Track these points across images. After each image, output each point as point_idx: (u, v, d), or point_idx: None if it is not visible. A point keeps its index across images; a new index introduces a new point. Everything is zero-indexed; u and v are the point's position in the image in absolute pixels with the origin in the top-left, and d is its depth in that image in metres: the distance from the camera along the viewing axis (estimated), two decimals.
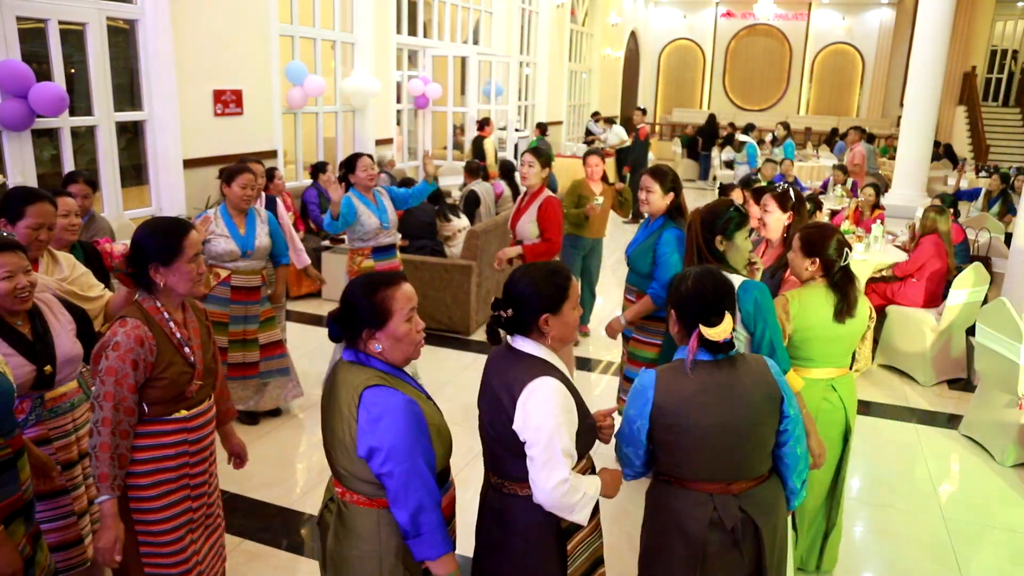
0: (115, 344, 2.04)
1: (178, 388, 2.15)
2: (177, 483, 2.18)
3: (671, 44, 22.57)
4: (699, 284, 2.06)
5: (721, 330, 1.99)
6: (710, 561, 2.05)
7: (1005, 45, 18.68)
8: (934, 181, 12.86)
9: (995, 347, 4.21)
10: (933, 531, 3.60)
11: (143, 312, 2.12)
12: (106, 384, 2.03)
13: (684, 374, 2.03)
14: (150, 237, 2.12)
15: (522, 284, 1.95)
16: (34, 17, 5.21)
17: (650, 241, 3.58)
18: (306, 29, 8.09)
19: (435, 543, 1.80)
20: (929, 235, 5.49)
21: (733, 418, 2.00)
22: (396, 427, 1.75)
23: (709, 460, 2.03)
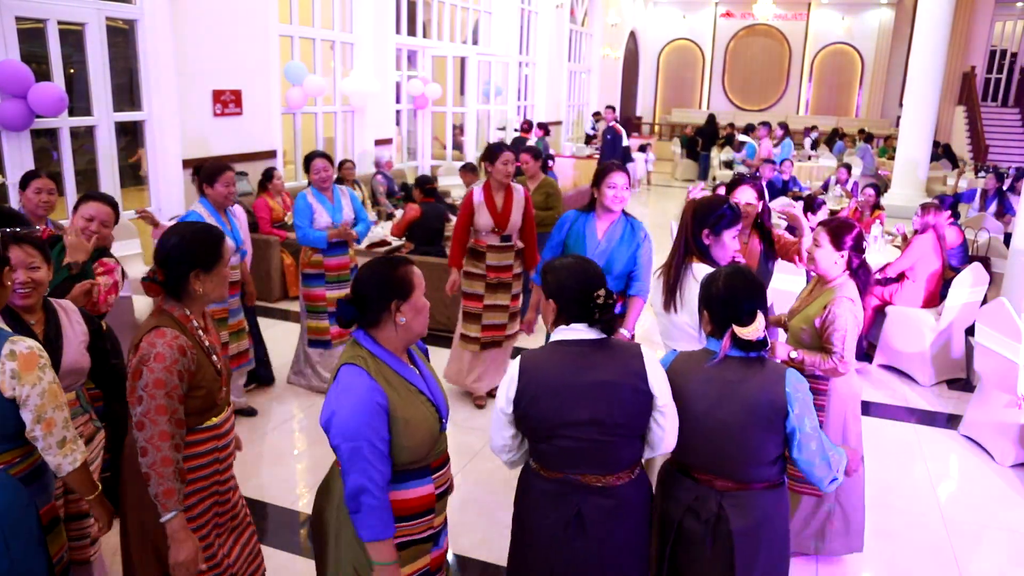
0: (157, 355, 1.96)
1: (212, 396, 2.11)
2: (208, 490, 2.15)
3: (670, 44, 22.58)
4: (730, 284, 2.10)
5: (753, 329, 2.04)
6: (681, 547, 2.14)
7: (1004, 45, 18.68)
8: (933, 181, 12.87)
9: (994, 347, 4.21)
10: (932, 531, 3.60)
11: (174, 320, 2.06)
12: (156, 398, 1.94)
13: (699, 362, 2.12)
14: (191, 243, 2.05)
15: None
16: (33, 17, 5.21)
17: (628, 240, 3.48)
18: (305, 29, 8.09)
19: (370, 525, 1.85)
20: (923, 233, 5.48)
21: (724, 414, 2.04)
22: (349, 406, 1.83)
23: (695, 448, 2.10)
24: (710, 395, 2.06)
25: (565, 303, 2.03)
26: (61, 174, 5.53)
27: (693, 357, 2.17)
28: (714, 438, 2.06)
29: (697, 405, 2.07)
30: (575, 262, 2.08)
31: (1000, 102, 18.73)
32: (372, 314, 1.93)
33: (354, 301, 1.93)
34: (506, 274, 4.52)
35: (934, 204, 5.58)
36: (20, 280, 2.12)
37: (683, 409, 2.07)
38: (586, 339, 2.03)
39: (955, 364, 5.44)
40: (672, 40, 22.52)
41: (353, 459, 1.83)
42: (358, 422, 1.82)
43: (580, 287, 2.01)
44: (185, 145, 6.29)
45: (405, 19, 9.88)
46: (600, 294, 1.99)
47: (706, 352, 2.15)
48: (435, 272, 5.88)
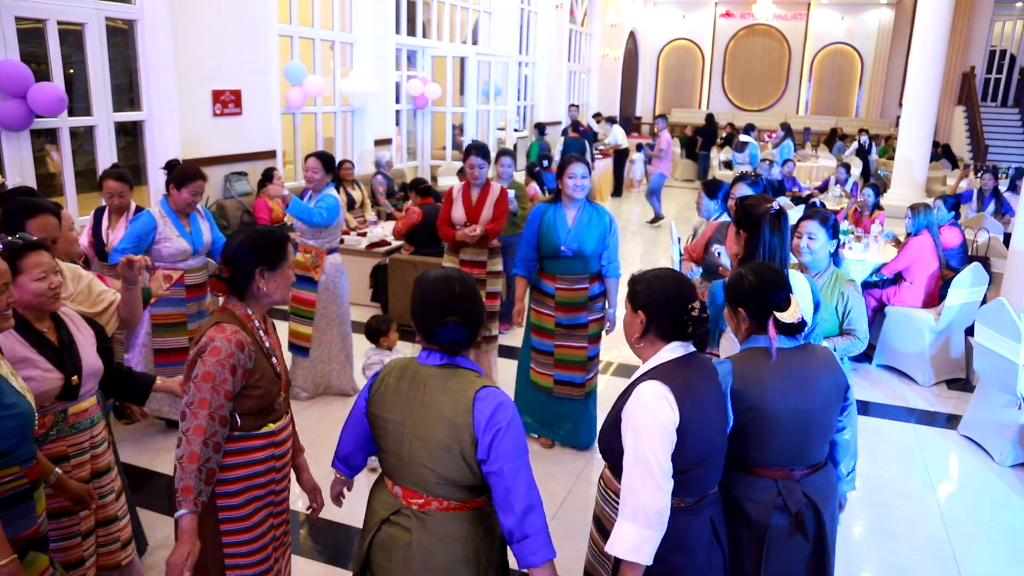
0: (213, 349, 1.95)
1: (270, 399, 2.09)
2: (264, 499, 2.11)
3: (670, 44, 22.58)
4: (760, 276, 2.13)
5: (793, 311, 2.07)
6: (773, 545, 2.12)
7: (1004, 45, 18.69)
8: (933, 181, 12.87)
9: (994, 347, 4.21)
10: (932, 531, 3.60)
11: (236, 318, 2.05)
12: (202, 390, 1.92)
13: (761, 361, 2.10)
14: (257, 242, 2.06)
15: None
16: (33, 17, 5.21)
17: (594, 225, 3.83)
18: (305, 29, 8.09)
19: (541, 546, 1.75)
20: (917, 235, 5.46)
21: (806, 403, 2.09)
22: (511, 426, 1.77)
23: (780, 445, 2.10)
24: (789, 389, 2.08)
25: (656, 315, 1.93)
26: (61, 174, 5.53)
27: (750, 360, 2.11)
28: (797, 430, 2.09)
29: (779, 403, 2.07)
30: (668, 273, 1.98)
31: (1000, 102, 18.73)
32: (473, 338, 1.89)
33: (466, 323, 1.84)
34: (479, 270, 4.58)
35: (923, 205, 5.56)
36: (54, 284, 2.07)
37: (766, 411, 2.06)
38: (688, 355, 1.96)
39: (954, 364, 5.44)
40: (672, 40, 22.52)
41: (519, 477, 1.81)
42: (519, 438, 1.81)
43: (675, 299, 1.92)
44: (184, 145, 6.29)
45: (405, 19, 9.88)
46: (695, 306, 1.91)
47: (754, 351, 2.13)
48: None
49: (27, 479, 1.86)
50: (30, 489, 1.87)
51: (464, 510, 1.84)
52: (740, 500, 2.13)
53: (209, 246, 4.10)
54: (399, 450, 1.85)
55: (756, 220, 2.76)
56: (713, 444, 1.95)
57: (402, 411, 1.84)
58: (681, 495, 1.92)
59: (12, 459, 1.83)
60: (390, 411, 1.87)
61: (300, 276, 4.53)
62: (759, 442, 2.09)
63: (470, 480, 1.81)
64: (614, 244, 3.90)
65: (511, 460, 1.75)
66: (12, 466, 1.83)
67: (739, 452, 2.12)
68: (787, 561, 2.14)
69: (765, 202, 2.82)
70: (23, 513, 1.85)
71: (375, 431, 1.92)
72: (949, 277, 5.43)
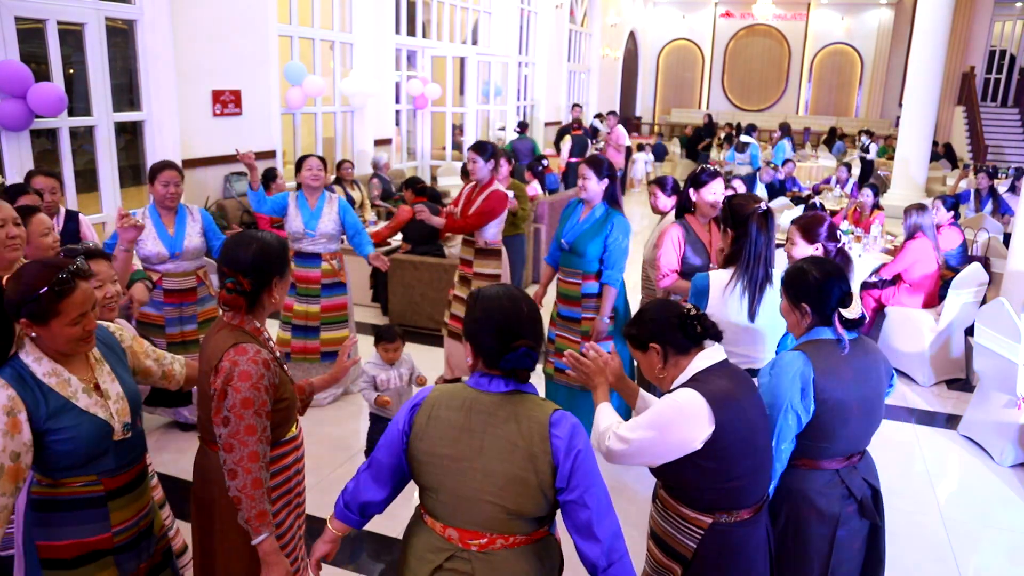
0: (242, 373, 1.87)
1: (293, 409, 2.06)
2: (292, 503, 2.12)
3: (670, 44, 22.58)
4: (825, 272, 2.17)
5: (856, 306, 2.15)
6: (842, 532, 2.19)
7: (1004, 46, 18.69)
8: (933, 181, 12.87)
9: (994, 347, 4.21)
10: (932, 531, 3.60)
11: (248, 334, 1.97)
12: (245, 418, 1.86)
13: (832, 352, 2.15)
14: (270, 249, 1.97)
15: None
16: (33, 17, 5.21)
17: (597, 227, 3.82)
18: (305, 29, 8.09)
19: (631, 570, 1.69)
20: (913, 238, 5.45)
21: (870, 391, 2.18)
22: (588, 447, 1.69)
23: (849, 434, 2.17)
24: (857, 379, 2.15)
25: (663, 337, 1.98)
26: (61, 174, 5.52)
27: (820, 351, 2.14)
28: (864, 418, 2.18)
29: (851, 393, 2.13)
30: (652, 302, 2.09)
31: (999, 102, 18.73)
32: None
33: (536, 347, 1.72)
34: (467, 268, 4.60)
35: (917, 206, 5.55)
36: (110, 294, 2.02)
37: (839, 401, 2.11)
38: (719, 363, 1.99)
39: (954, 364, 5.44)
40: (672, 40, 22.53)
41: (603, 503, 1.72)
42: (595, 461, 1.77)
43: (668, 313, 2.00)
44: (184, 145, 6.29)
45: (405, 19, 9.88)
46: (689, 309, 1.99)
47: (822, 343, 2.16)
48: (435, 272, 5.88)
49: (103, 487, 1.84)
50: (105, 497, 1.84)
51: (529, 543, 1.73)
52: (810, 495, 2.17)
53: (198, 251, 3.99)
54: (460, 488, 1.70)
55: (744, 219, 2.80)
56: (760, 447, 1.97)
57: (464, 445, 1.69)
58: (745, 506, 1.95)
59: (88, 470, 1.82)
60: (447, 447, 1.71)
61: (328, 284, 4.51)
62: (830, 433, 2.14)
63: (543, 511, 1.71)
64: (614, 251, 3.79)
65: (593, 485, 1.66)
66: (89, 474, 1.83)
67: (805, 446, 2.16)
68: (850, 544, 2.23)
69: (752, 202, 2.86)
70: (93, 518, 1.84)
71: (423, 469, 1.75)
72: (949, 277, 5.43)
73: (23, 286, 1.71)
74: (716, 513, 1.93)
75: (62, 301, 1.72)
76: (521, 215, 5.75)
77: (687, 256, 3.59)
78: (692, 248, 3.59)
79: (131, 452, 1.92)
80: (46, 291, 1.70)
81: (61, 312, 1.73)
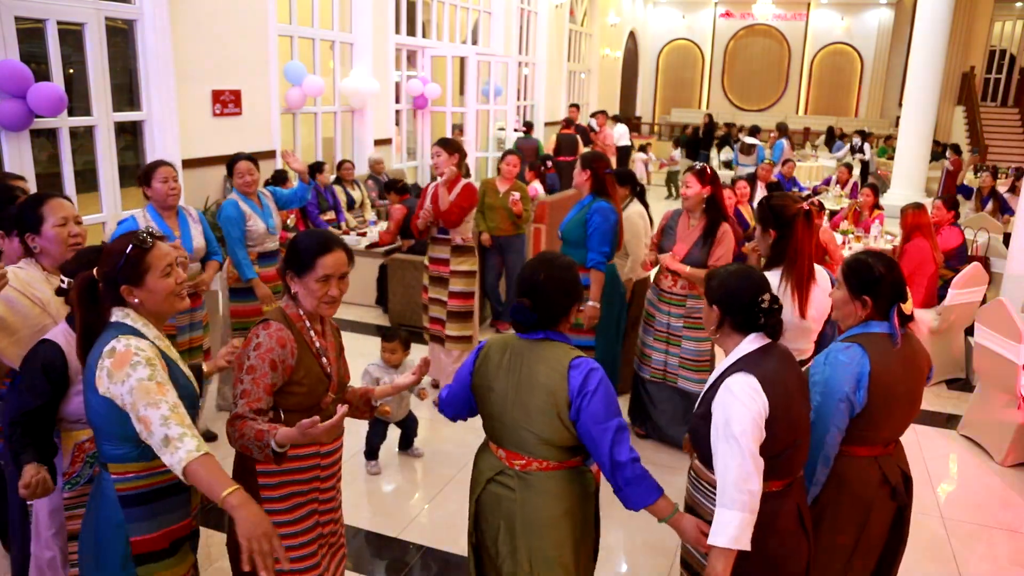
0: (256, 344, 2.00)
1: (315, 398, 2.10)
2: (307, 496, 2.12)
3: (670, 44, 22.58)
4: (889, 267, 2.23)
5: (911, 302, 2.23)
6: (873, 514, 2.27)
7: (1004, 45, 18.69)
8: (933, 181, 12.86)
9: (994, 347, 4.21)
10: (932, 531, 3.60)
11: (285, 317, 2.08)
12: (244, 381, 1.97)
13: (886, 345, 2.21)
14: (298, 244, 2.08)
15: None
16: (33, 17, 5.21)
17: (581, 214, 3.98)
18: (305, 29, 8.09)
19: (639, 494, 1.99)
20: (912, 240, 5.44)
21: (913, 384, 2.25)
22: (604, 388, 1.98)
23: (895, 422, 2.25)
24: (905, 372, 2.22)
25: (729, 309, 2.06)
26: (61, 174, 5.52)
27: (876, 344, 2.20)
28: (908, 407, 2.26)
29: (900, 385, 2.20)
30: (740, 269, 2.13)
31: (999, 102, 18.74)
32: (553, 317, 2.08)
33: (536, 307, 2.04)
34: (443, 268, 4.57)
35: (913, 205, 5.54)
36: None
37: (890, 391, 2.18)
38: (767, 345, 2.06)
39: (954, 364, 5.44)
40: (672, 40, 22.53)
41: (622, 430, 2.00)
42: (613, 399, 2.03)
43: (745, 293, 2.04)
44: (184, 145, 6.29)
45: (404, 19, 9.88)
46: (765, 299, 2.03)
47: (876, 336, 2.21)
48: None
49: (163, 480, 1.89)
50: (170, 488, 1.90)
51: (561, 469, 2.07)
52: (848, 480, 2.24)
53: (201, 252, 3.91)
54: (502, 416, 2.08)
55: (787, 220, 2.86)
56: (800, 427, 2.04)
57: (504, 381, 2.08)
58: (772, 478, 2.01)
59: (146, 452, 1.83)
60: (493, 381, 2.10)
61: (239, 289, 4.33)
62: (877, 422, 2.21)
63: (568, 441, 2.03)
64: (593, 233, 3.92)
65: (599, 422, 1.96)
66: (152, 459, 1.82)
67: (849, 434, 2.22)
68: (881, 528, 2.31)
69: (791, 201, 2.91)
70: (179, 504, 1.91)
71: (479, 399, 2.16)
72: (949, 277, 5.43)
73: (110, 255, 1.86)
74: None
75: (149, 254, 1.86)
76: (524, 216, 5.74)
77: (663, 236, 4.09)
78: (666, 231, 4.06)
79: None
80: (132, 248, 1.84)
81: (152, 266, 1.87)
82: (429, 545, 3.32)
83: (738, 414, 1.92)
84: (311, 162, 7.62)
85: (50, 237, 2.40)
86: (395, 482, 3.89)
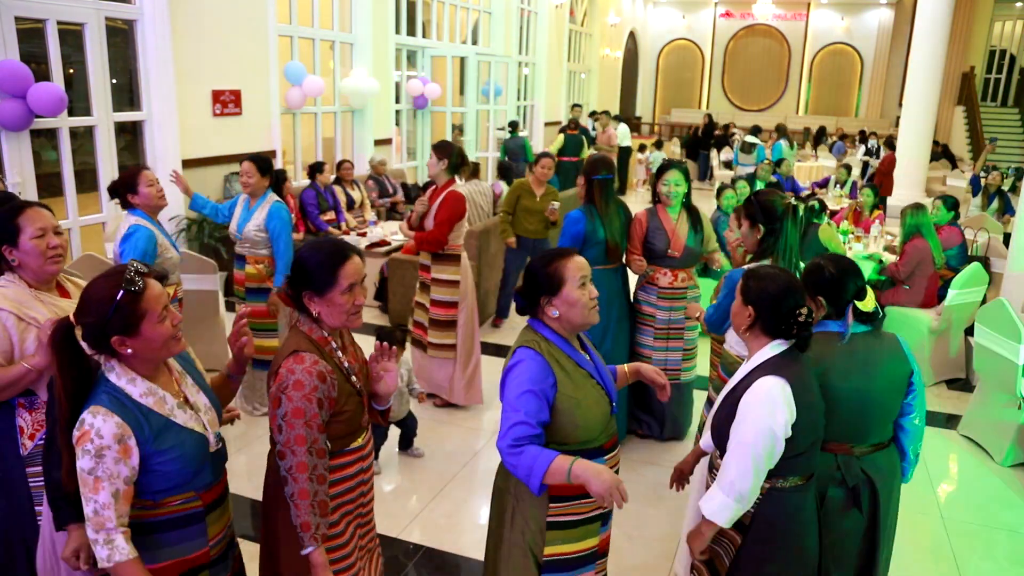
0: (296, 383, 1.85)
1: (356, 420, 2.02)
2: (353, 513, 2.08)
3: (670, 44, 22.57)
4: (841, 267, 2.27)
5: (870, 300, 2.25)
6: (830, 516, 2.27)
7: (1004, 45, 18.69)
8: (933, 181, 12.86)
9: (994, 347, 4.21)
10: (932, 531, 3.60)
11: (312, 343, 1.95)
12: (295, 428, 1.85)
13: (827, 343, 2.25)
14: (308, 260, 1.95)
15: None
16: (33, 17, 5.21)
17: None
18: (305, 29, 8.09)
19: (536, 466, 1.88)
20: (912, 241, 5.43)
21: (867, 384, 2.22)
22: (518, 375, 1.96)
23: (840, 421, 2.23)
24: (849, 370, 2.22)
25: (765, 313, 2.07)
26: (61, 174, 5.52)
27: (820, 342, 2.24)
28: (858, 409, 2.24)
29: (840, 382, 2.21)
30: (782, 274, 2.12)
31: (1000, 102, 18.74)
32: (530, 306, 2.08)
33: (522, 292, 2.09)
34: (425, 273, 4.49)
35: (912, 205, 5.54)
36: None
37: (827, 387, 2.18)
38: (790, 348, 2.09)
39: (954, 364, 5.44)
40: (672, 40, 22.52)
41: (509, 411, 1.93)
42: (521, 389, 1.95)
43: (784, 301, 2.04)
44: (184, 145, 6.29)
45: (404, 19, 9.88)
46: (803, 312, 2.03)
47: (824, 335, 2.26)
48: None
49: (201, 503, 1.82)
50: (203, 512, 1.83)
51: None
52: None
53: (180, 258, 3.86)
54: None
55: (776, 215, 2.88)
56: (820, 426, 2.10)
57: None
58: (798, 474, 2.08)
59: (187, 487, 1.79)
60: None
61: (252, 289, 4.28)
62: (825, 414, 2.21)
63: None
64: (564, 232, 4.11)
65: (504, 398, 2.00)
66: (187, 491, 1.79)
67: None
68: (842, 533, 2.30)
69: (780, 197, 2.92)
70: (193, 535, 1.82)
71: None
72: (949, 277, 5.43)
73: (96, 303, 1.66)
74: (774, 479, 2.07)
75: (142, 299, 1.67)
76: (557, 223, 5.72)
77: (649, 238, 4.04)
78: (653, 233, 4.03)
79: (221, 463, 1.91)
80: (123, 294, 1.65)
81: (147, 311, 1.68)
82: (429, 545, 3.32)
83: (757, 422, 1.97)
84: (312, 162, 7.64)
85: (28, 249, 2.24)
86: (395, 482, 3.89)
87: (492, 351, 5.54)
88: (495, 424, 4.49)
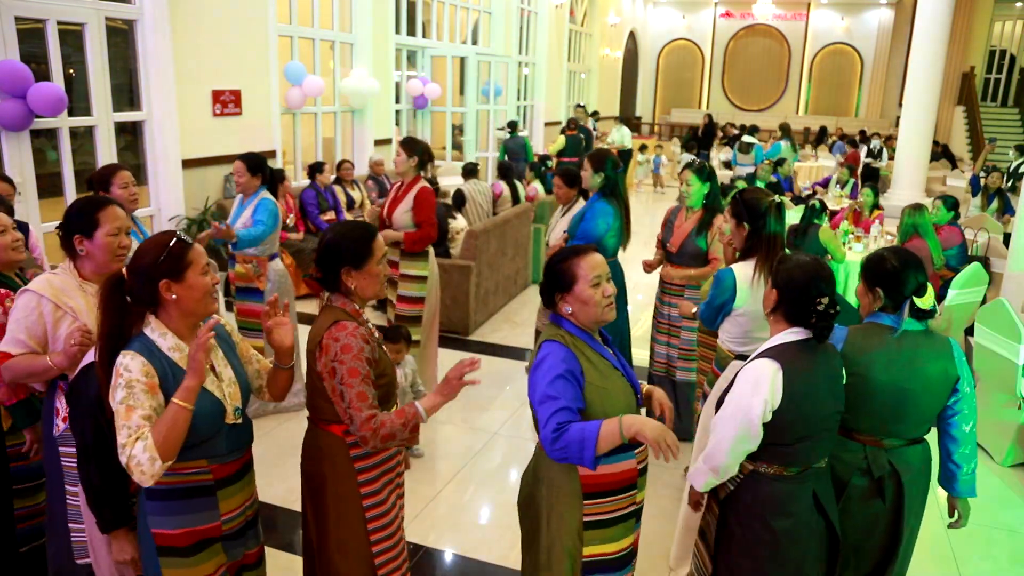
0: (344, 347, 1.98)
1: (394, 385, 2.17)
2: (394, 481, 2.21)
3: (670, 44, 22.58)
4: (904, 261, 2.25)
5: (929, 297, 2.23)
6: (852, 503, 2.30)
7: (1004, 45, 18.69)
8: (933, 181, 12.86)
9: (994, 347, 4.21)
10: (932, 531, 3.59)
11: (347, 314, 2.08)
12: (354, 387, 1.96)
13: (877, 335, 2.26)
14: (341, 240, 2.09)
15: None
16: (33, 17, 5.21)
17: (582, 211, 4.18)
18: (305, 29, 8.09)
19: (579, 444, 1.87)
20: (909, 241, 5.42)
21: (906, 382, 2.22)
22: (545, 368, 1.96)
23: (873, 413, 2.25)
24: (891, 365, 2.22)
25: (787, 298, 2.10)
26: (61, 174, 5.52)
27: (866, 332, 2.28)
28: (893, 404, 2.24)
29: (881, 375, 2.22)
30: (809, 263, 2.14)
31: (1000, 102, 18.74)
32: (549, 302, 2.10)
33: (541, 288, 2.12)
34: (394, 269, 4.41)
35: (911, 205, 5.54)
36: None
37: (866, 379, 2.21)
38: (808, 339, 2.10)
39: None
40: (672, 40, 22.52)
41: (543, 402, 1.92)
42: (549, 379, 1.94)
43: (806, 289, 2.06)
44: (184, 145, 6.29)
45: (405, 19, 9.88)
46: (823, 301, 2.04)
47: (875, 326, 2.28)
48: (446, 273, 5.86)
49: (212, 476, 1.92)
50: (214, 487, 1.93)
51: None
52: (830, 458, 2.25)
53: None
54: None
55: (760, 214, 2.88)
56: (821, 423, 2.08)
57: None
58: (785, 464, 2.09)
59: (200, 452, 1.88)
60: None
61: (242, 288, 4.32)
62: (854, 407, 2.23)
63: None
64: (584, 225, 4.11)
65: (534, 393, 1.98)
66: (200, 459, 1.89)
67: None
68: (865, 521, 2.32)
69: (762, 195, 2.91)
70: (204, 507, 1.92)
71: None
72: (949, 277, 5.43)
73: (152, 248, 1.84)
74: (757, 462, 2.11)
75: (191, 250, 1.87)
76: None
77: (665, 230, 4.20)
78: (666, 225, 4.20)
79: (240, 439, 2.00)
80: (175, 242, 1.85)
81: (192, 261, 1.87)
82: (428, 545, 3.33)
83: (738, 400, 2.04)
84: (311, 162, 7.64)
85: (101, 244, 2.30)
86: None
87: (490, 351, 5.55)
88: (495, 424, 4.50)
